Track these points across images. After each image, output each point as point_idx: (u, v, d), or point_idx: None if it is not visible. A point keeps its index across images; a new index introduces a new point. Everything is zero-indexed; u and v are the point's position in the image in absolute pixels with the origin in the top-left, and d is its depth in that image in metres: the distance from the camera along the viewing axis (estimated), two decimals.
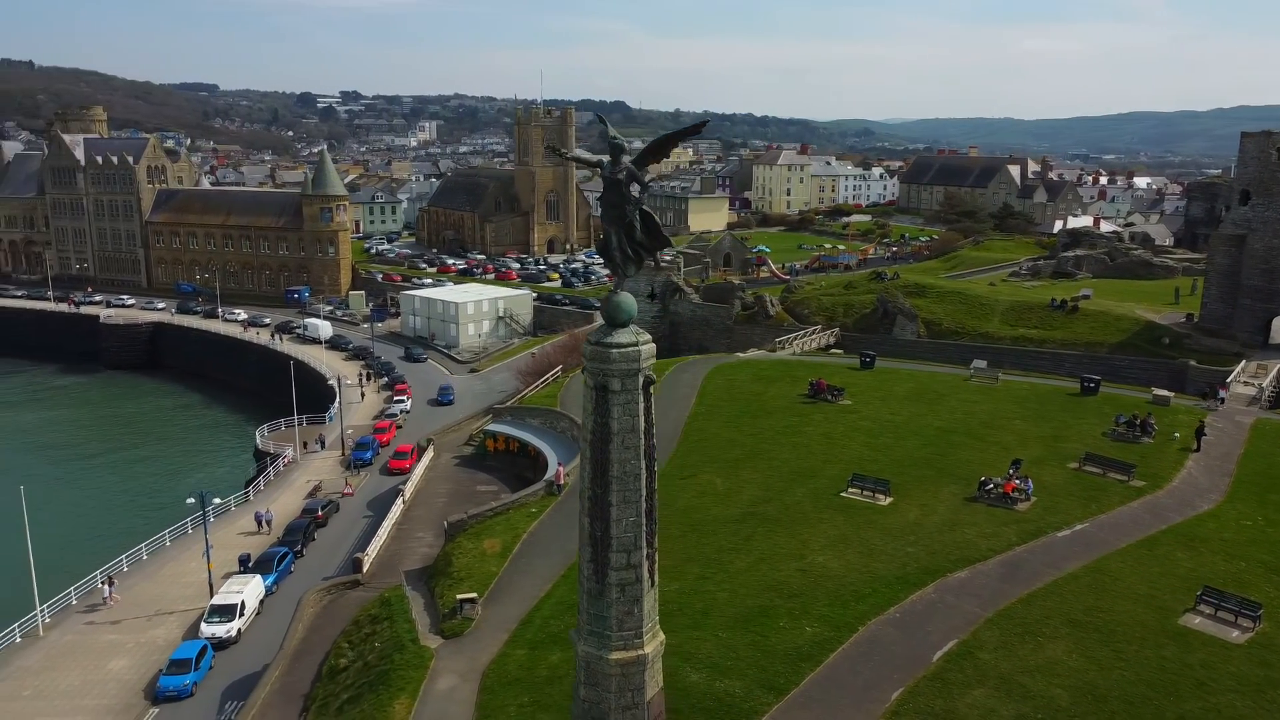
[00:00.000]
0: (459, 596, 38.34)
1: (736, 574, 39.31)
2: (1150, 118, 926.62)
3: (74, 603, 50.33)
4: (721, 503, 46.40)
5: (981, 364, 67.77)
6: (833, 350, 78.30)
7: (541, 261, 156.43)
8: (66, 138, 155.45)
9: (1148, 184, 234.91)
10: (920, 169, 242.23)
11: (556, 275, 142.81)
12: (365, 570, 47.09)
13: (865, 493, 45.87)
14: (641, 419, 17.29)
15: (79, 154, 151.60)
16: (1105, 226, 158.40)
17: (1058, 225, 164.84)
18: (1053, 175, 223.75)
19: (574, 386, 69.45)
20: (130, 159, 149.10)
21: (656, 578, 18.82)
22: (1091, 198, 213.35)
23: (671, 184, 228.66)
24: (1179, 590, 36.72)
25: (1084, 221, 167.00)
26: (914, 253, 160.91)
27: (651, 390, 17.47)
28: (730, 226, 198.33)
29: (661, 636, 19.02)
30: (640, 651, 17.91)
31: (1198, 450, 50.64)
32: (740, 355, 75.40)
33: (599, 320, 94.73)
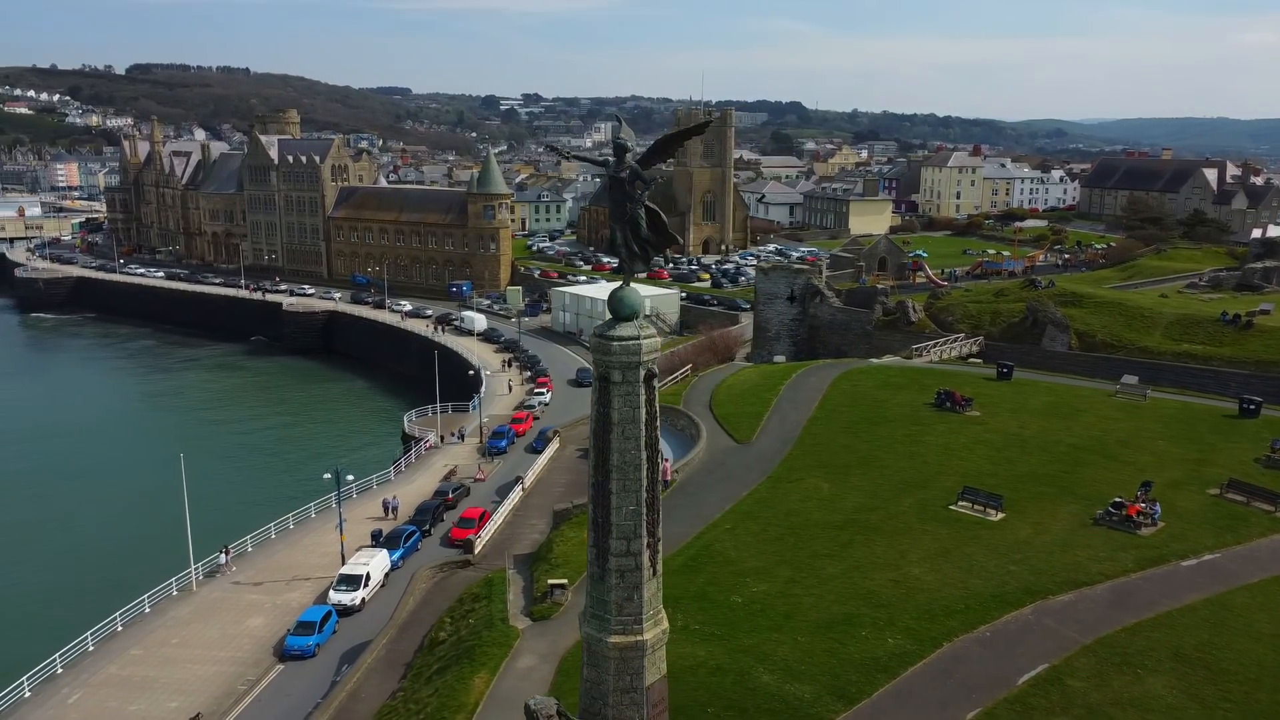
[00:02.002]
0: (550, 582, 39.72)
1: (827, 580, 38.85)
2: None
3: (224, 563, 55.12)
4: (825, 508, 45.83)
5: (1132, 380, 63.71)
6: (972, 359, 75.42)
7: (694, 261, 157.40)
8: (263, 139, 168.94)
9: None
10: (1104, 172, 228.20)
11: (707, 275, 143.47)
12: (476, 552, 49.30)
13: (976, 507, 44.25)
14: (642, 410, 17.75)
15: (273, 153, 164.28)
16: None
17: (1255, 233, 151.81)
18: (1257, 180, 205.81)
19: (700, 385, 69.95)
20: (317, 159, 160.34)
21: (660, 568, 19.19)
22: None
23: (833, 186, 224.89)
24: None
25: None
26: (1088, 260, 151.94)
27: (655, 383, 17.94)
28: (893, 230, 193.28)
29: (664, 625, 19.38)
30: (639, 637, 18.37)
31: None
32: (874, 361, 73.80)
33: (744, 321, 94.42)
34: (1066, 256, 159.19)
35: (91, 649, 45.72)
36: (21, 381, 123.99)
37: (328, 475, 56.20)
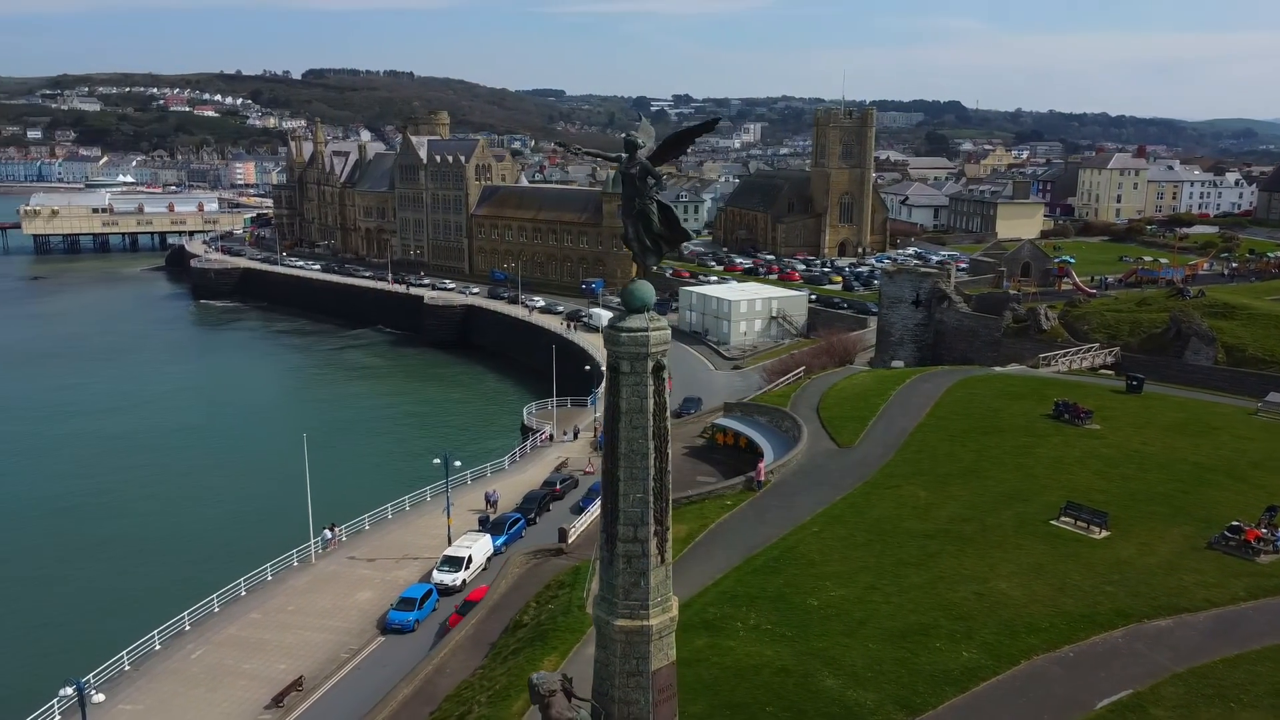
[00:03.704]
0: None
1: (908, 589, 38.05)
2: None
3: (343, 539, 58.46)
4: (918, 516, 44.79)
5: (1279, 398, 59.19)
6: (1103, 370, 71.64)
7: (827, 264, 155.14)
8: (414, 139, 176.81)
9: None
10: None
11: (839, 278, 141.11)
12: (570, 541, 50.55)
13: (1079, 523, 42.31)
14: (650, 401, 18.12)
15: (422, 153, 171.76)
16: None
17: None
18: None
19: (811, 388, 69.28)
20: (462, 158, 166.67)
21: (668, 556, 19.51)
22: None
23: (981, 188, 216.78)
24: None
25: None
26: (1259, 270, 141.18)
27: (664, 375, 18.30)
28: (1044, 234, 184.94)
29: (673, 613, 19.69)
30: (644, 622, 18.79)
31: None
32: (996, 369, 71.23)
33: (872, 325, 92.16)
34: (1234, 266, 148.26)
35: (217, 610, 49.42)
36: (185, 362, 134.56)
37: (436, 461, 58.83)
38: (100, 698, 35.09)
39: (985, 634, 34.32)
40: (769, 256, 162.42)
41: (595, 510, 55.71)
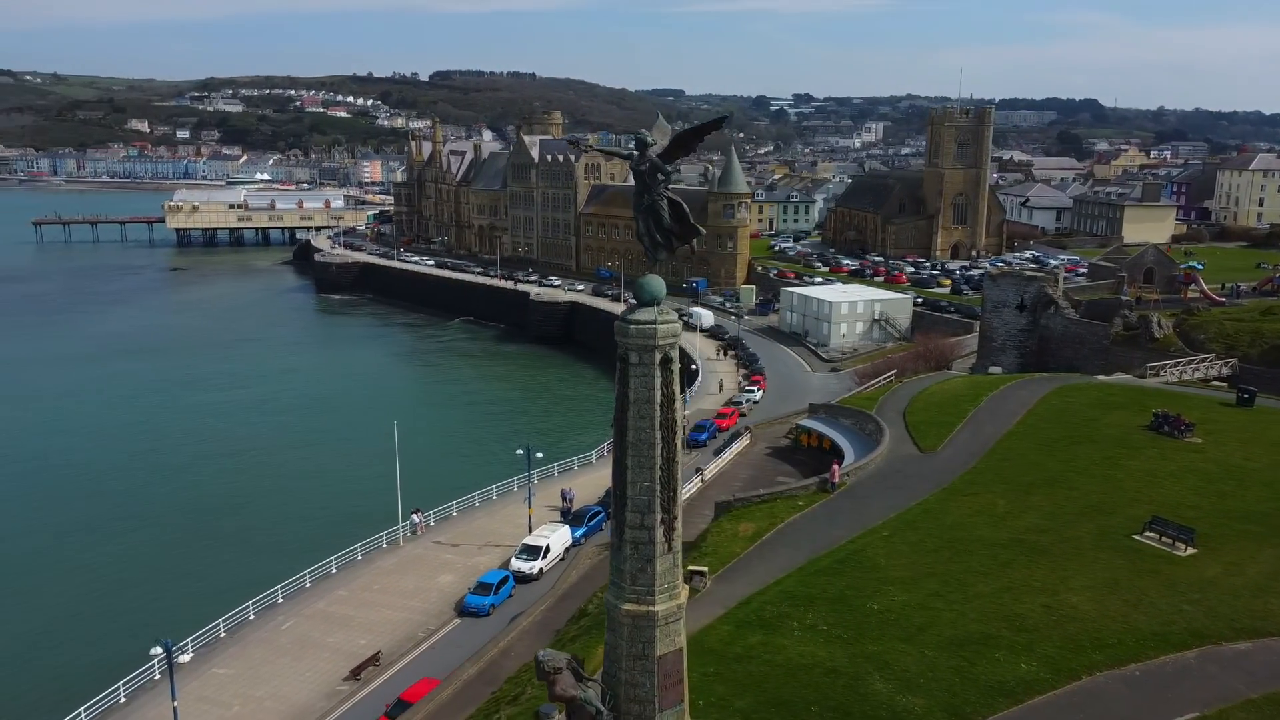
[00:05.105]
0: (690, 568, 40.67)
1: (973, 597, 37.26)
2: None
3: (430, 524, 60.71)
4: (993, 524, 43.70)
5: None
6: (1216, 382, 68.00)
7: (937, 266, 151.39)
8: (527, 139, 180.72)
9: None
10: None
11: (948, 281, 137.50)
12: None
13: (1164, 539, 40.53)
14: (658, 392, 18.55)
15: (534, 153, 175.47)
16: None
17: None
18: None
19: (900, 392, 68.12)
20: (572, 158, 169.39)
21: (676, 545, 19.86)
22: None
23: (1108, 190, 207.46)
24: None
25: None
26: None
27: (672, 367, 18.69)
28: (1176, 239, 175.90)
29: (680, 600, 20.01)
30: (650, 608, 19.22)
31: None
32: (1100, 378, 68.46)
33: (977, 330, 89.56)
34: None
35: (308, 585, 52.20)
36: (301, 351, 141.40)
37: (519, 452, 60.47)
38: (186, 658, 37.63)
39: (1048, 647, 33.38)
40: (877, 258, 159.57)
41: None
